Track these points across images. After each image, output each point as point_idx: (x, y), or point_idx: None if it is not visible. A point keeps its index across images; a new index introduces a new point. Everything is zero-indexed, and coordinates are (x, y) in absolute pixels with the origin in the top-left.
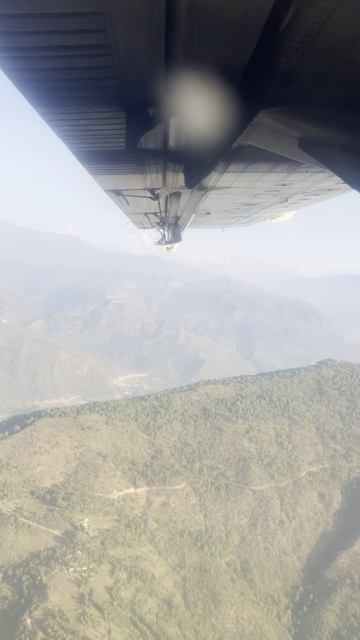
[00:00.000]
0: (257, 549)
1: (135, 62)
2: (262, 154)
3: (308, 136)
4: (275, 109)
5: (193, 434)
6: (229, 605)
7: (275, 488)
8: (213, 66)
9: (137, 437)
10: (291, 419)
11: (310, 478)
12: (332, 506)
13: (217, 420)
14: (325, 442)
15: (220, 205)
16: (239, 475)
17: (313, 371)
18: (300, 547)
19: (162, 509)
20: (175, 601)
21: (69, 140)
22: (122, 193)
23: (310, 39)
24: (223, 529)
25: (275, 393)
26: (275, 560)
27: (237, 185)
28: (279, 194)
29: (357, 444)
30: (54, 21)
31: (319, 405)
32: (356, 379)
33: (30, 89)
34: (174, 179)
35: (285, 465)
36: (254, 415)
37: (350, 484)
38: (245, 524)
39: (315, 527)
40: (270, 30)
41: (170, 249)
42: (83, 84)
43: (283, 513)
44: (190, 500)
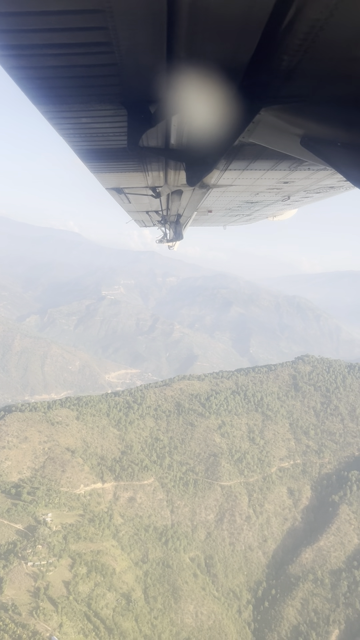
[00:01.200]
0: (223, 544)
1: (136, 59)
2: (264, 152)
3: (310, 134)
4: (277, 106)
5: (165, 430)
6: (189, 600)
7: (244, 484)
8: (215, 63)
9: (108, 433)
10: (265, 415)
11: (280, 474)
12: (301, 502)
13: (190, 416)
14: (298, 438)
15: (222, 203)
16: (209, 471)
17: (290, 367)
18: (266, 543)
19: (128, 504)
20: (134, 596)
21: (70, 138)
22: (123, 191)
23: (312, 36)
24: (189, 524)
25: (251, 389)
26: (240, 555)
27: (238, 183)
28: (281, 192)
29: (330, 439)
30: (56, 19)
31: (294, 401)
32: (332, 375)
33: (31, 86)
34: (175, 177)
35: (255, 461)
36: (227, 410)
37: (321, 480)
38: (212, 519)
39: (283, 522)
40: (273, 27)
41: (172, 247)
42: (84, 81)
43: (250, 509)
44: (158, 495)
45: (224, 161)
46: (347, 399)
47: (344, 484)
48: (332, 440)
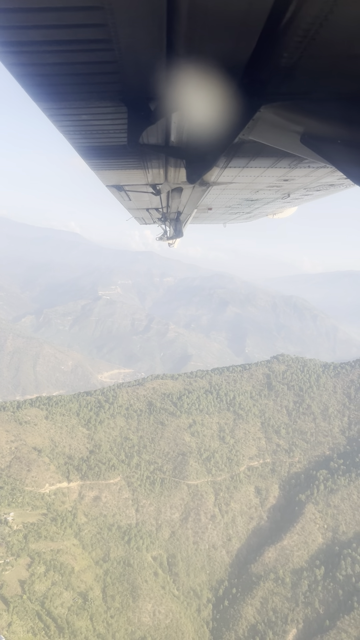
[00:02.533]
0: (187, 543)
1: (136, 56)
2: (264, 149)
3: (310, 131)
4: (277, 103)
5: (135, 429)
6: (148, 599)
7: (211, 482)
8: (215, 60)
9: (77, 432)
10: (236, 414)
11: (249, 473)
12: (268, 501)
13: (161, 415)
14: (269, 437)
15: (222, 200)
16: (177, 470)
17: (264, 366)
18: (230, 542)
19: (93, 503)
20: (91, 595)
21: (70, 135)
22: (123, 188)
23: (312, 33)
24: (154, 523)
25: (224, 388)
26: (203, 554)
27: (238, 181)
28: (281, 190)
29: (301, 438)
30: (55, 15)
31: (267, 400)
32: (306, 374)
33: (31, 83)
34: (175, 175)
35: (224, 460)
36: (199, 410)
37: (289, 479)
38: (177, 518)
39: (249, 521)
40: (273, 25)
41: (172, 245)
42: (84, 78)
43: (216, 508)
44: (123, 494)
45: (224, 159)
46: (320, 398)
47: (311, 483)
48: (303, 439)
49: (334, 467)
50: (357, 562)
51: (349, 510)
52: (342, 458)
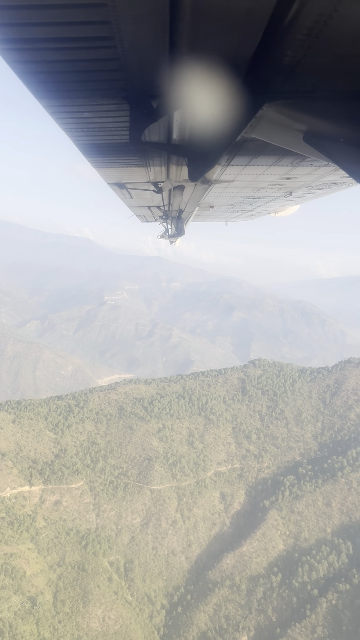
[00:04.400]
0: (146, 548)
1: (139, 54)
2: (267, 147)
3: (313, 129)
4: (280, 101)
5: (104, 433)
6: (98, 604)
7: (176, 488)
8: (218, 58)
9: (44, 436)
10: (207, 419)
11: (215, 478)
12: (233, 507)
13: (130, 420)
14: (239, 442)
15: (224, 198)
16: (141, 475)
17: (240, 371)
18: (190, 548)
19: (53, 508)
20: (41, 599)
21: (72, 133)
22: (125, 186)
23: (316, 31)
24: (114, 527)
25: (197, 392)
26: (162, 560)
27: (241, 179)
28: (283, 188)
29: (271, 444)
30: (58, 12)
31: (240, 405)
32: (282, 379)
33: (34, 81)
34: (177, 172)
35: (191, 465)
36: (170, 414)
37: (256, 485)
38: (138, 523)
39: (211, 527)
40: (276, 22)
41: (174, 243)
42: (87, 76)
43: (178, 513)
44: (85, 499)
45: (226, 157)
46: (295, 403)
47: (277, 489)
48: (274, 444)
49: (301, 473)
50: (315, 570)
51: (313, 517)
52: (312, 464)
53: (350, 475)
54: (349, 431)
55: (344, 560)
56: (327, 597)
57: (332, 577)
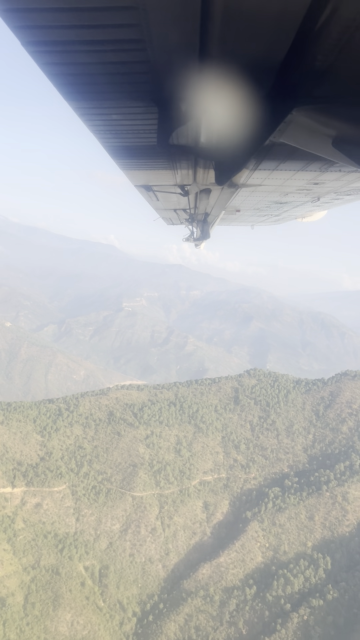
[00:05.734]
0: (123, 555)
1: (169, 57)
2: (295, 152)
3: (342, 135)
4: (309, 106)
5: (92, 438)
6: (68, 608)
7: (158, 495)
8: (247, 62)
9: (30, 439)
10: (197, 427)
11: (200, 487)
12: (215, 517)
13: (119, 425)
14: (228, 452)
15: (250, 203)
16: (125, 481)
17: (234, 380)
18: (167, 556)
19: (34, 510)
20: (11, 601)
21: (101, 135)
22: (152, 189)
23: (347, 36)
24: (93, 533)
25: (189, 400)
26: (138, 567)
27: (268, 183)
28: (311, 193)
29: (261, 455)
30: (90, 15)
31: (232, 414)
32: (276, 389)
33: (64, 83)
34: (204, 176)
35: (176, 473)
36: (159, 421)
37: (241, 496)
38: (117, 529)
39: (191, 536)
40: (307, 27)
41: (199, 246)
42: (116, 78)
43: (158, 521)
44: (66, 502)
45: (253, 161)
46: (287, 414)
47: (261, 501)
48: (262, 455)
49: (287, 485)
50: (290, 584)
51: (294, 530)
52: (299, 476)
53: (335, 489)
54: (340, 444)
55: (321, 575)
56: (299, 613)
57: (307, 592)
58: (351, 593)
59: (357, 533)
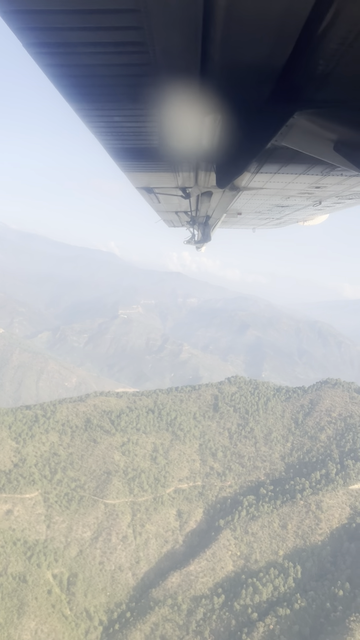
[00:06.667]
0: (92, 563)
1: (171, 60)
2: (297, 156)
3: (344, 139)
4: (311, 110)
5: (67, 445)
6: (33, 616)
7: (131, 503)
8: (249, 66)
9: (5, 445)
10: (175, 434)
11: (174, 495)
12: (189, 525)
13: (95, 432)
14: (205, 459)
15: (251, 206)
16: (98, 488)
17: (214, 387)
18: (138, 564)
19: (4, 517)
20: None
21: (102, 137)
22: (153, 191)
23: (349, 40)
24: (63, 540)
25: (167, 407)
26: (107, 575)
27: (269, 187)
28: (312, 197)
29: (238, 462)
30: (92, 17)
31: (210, 421)
32: (256, 397)
33: (65, 84)
34: (205, 179)
35: (151, 481)
36: (136, 428)
37: (215, 504)
38: (88, 537)
39: (163, 545)
40: (309, 31)
41: (200, 248)
42: (118, 80)
43: (130, 528)
44: (37, 509)
45: (255, 164)
46: (266, 422)
47: (235, 509)
48: (239, 463)
49: (262, 494)
50: (258, 592)
51: (267, 539)
52: (274, 484)
53: (309, 497)
54: (318, 453)
55: (291, 584)
56: (266, 622)
57: (275, 601)
58: (319, 602)
59: (329, 542)
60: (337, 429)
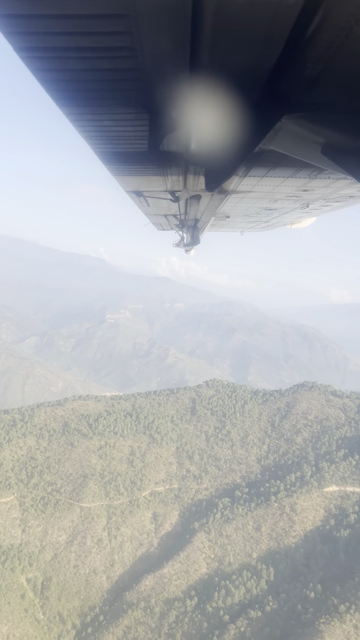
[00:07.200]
0: (67, 566)
1: (160, 64)
2: (284, 159)
3: (331, 142)
4: (298, 114)
5: (44, 449)
6: (5, 621)
7: (107, 506)
8: (238, 70)
9: None
10: (152, 438)
11: (150, 498)
12: (164, 527)
13: (73, 436)
14: (181, 462)
15: (240, 209)
16: (74, 492)
17: (192, 391)
18: (112, 568)
19: None
20: None
21: (92, 140)
22: (142, 194)
23: (337, 44)
24: (38, 544)
25: (145, 411)
26: (82, 579)
27: (257, 190)
28: (300, 200)
29: (214, 465)
30: (81, 22)
31: (188, 425)
32: (233, 400)
33: (56, 89)
34: (194, 182)
35: (127, 484)
36: (114, 432)
37: (191, 506)
38: (63, 540)
39: (138, 547)
40: (297, 35)
41: (189, 251)
42: (108, 85)
43: (105, 532)
44: (12, 514)
45: (243, 167)
46: (242, 425)
47: (210, 511)
48: (216, 466)
49: (237, 496)
50: (231, 595)
51: (241, 541)
52: (250, 487)
53: (284, 500)
54: (293, 455)
55: (263, 586)
56: (237, 624)
57: (247, 603)
58: (290, 604)
59: (302, 544)
60: (313, 432)
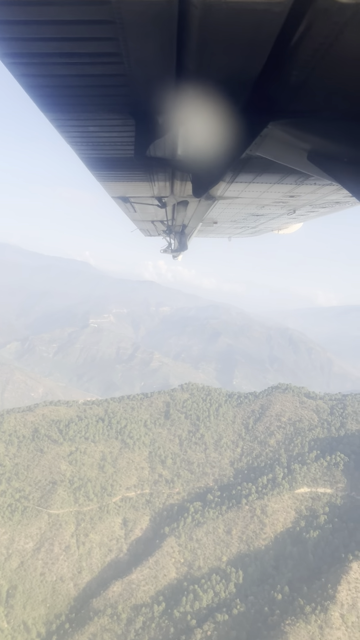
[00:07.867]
0: (34, 574)
1: (145, 70)
2: (271, 165)
3: (317, 149)
4: (285, 120)
5: (13, 455)
6: None
7: (76, 512)
8: (224, 77)
9: None
10: (124, 443)
11: (121, 503)
12: (134, 533)
13: (42, 442)
14: (154, 467)
15: (227, 215)
16: (43, 498)
17: (166, 394)
18: (80, 574)
19: None
20: None
21: (77, 146)
22: (129, 200)
23: (321, 52)
24: (4, 552)
25: (118, 416)
26: (48, 586)
27: (245, 196)
28: (287, 206)
29: (187, 469)
30: (66, 28)
31: (161, 429)
32: (208, 403)
33: (40, 94)
34: (181, 188)
35: (97, 489)
36: (85, 437)
37: (162, 511)
38: (30, 548)
39: (107, 554)
40: (283, 42)
41: (177, 257)
42: (93, 91)
43: (73, 538)
44: None
45: (230, 173)
46: (216, 428)
47: (180, 515)
48: (189, 470)
49: (209, 499)
50: (199, 599)
51: (211, 545)
52: (222, 490)
53: (255, 502)
54: (266, 458)
55: (232, 590)
56: (203, 628)
57: (215, 607)
58: (257, 607)
59: (272, 546)
60: (287, 434)
